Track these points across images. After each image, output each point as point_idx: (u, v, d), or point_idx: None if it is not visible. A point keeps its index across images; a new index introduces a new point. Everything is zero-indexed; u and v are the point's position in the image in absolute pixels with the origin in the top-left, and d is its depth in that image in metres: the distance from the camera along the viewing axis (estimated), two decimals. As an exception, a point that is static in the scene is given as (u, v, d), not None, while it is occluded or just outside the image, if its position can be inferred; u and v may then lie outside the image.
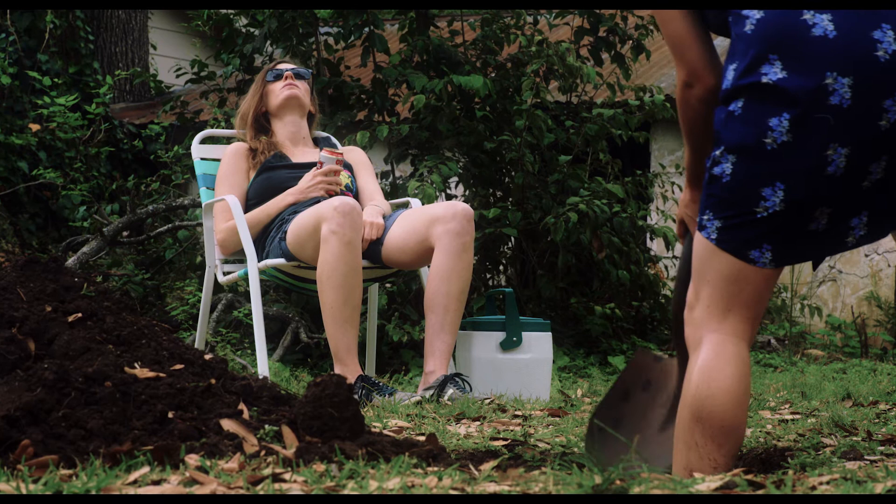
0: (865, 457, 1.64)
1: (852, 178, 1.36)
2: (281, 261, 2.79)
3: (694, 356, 1.42)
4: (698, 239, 1.43)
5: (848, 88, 1.33)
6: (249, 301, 3.04)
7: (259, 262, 2.81)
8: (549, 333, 2.96)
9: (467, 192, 4.26)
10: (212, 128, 4.27)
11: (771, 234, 1.38)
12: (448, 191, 4.24)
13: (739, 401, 1.39)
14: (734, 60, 1.40)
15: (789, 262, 1.43)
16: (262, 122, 3.04)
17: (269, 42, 4.26)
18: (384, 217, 2.85)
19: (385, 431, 1.85)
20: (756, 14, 1.39)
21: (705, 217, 1.41)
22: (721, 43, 4.67)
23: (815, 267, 1.50)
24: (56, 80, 5.54)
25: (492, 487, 1.19)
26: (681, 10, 1.46)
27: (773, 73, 1.35)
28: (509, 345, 2.87)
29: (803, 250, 1.41)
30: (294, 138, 3.03)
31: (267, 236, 2.88)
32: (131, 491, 1.16)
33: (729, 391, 1.38)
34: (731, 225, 1.39)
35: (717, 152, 1.39)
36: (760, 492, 1.19)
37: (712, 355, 1.40)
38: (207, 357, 1.61)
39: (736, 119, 1.37)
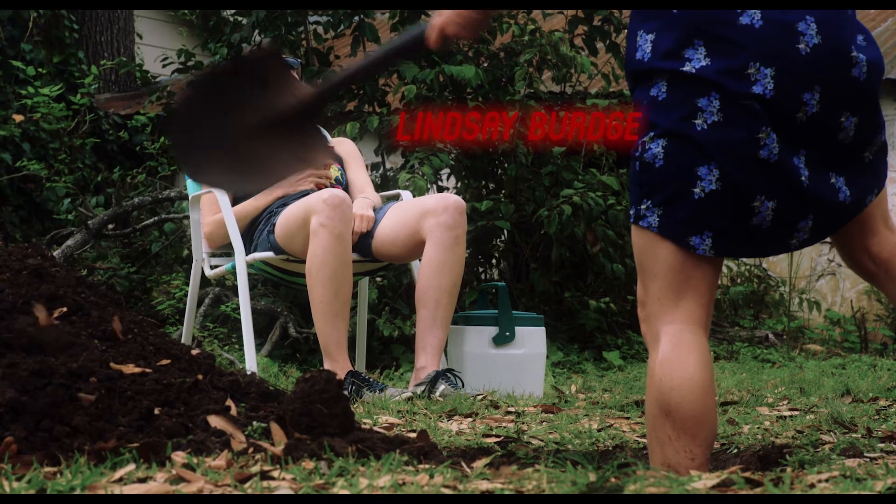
0: (865, 454, 1.64)
1: (789, 168, 1.35)
2: (269, 254, 2.76)
3: (653, 351, 1.40)
4: (638, 232, 1.41)
5: (770, 79, 1.33)
6: (237, 295, 3.01)
7: (247, 255, 2.77)
8: (543, 328, 2.94)
9: (459, 184, 4.23)
10: (200, 119, 4.21)
11: (710, 219, 1.36)
12: (439, 183, 4.21)
13: (705, 388, 1.37)
14: (652, 32, 1.36)
15: (729, 255, 1.42)
16: (250, 113, 3.00)
17: (257, 31, 4.21)
18: (374, 210, 2.82)
19: (375, 428, 1.83)
20: None
21: (643, 207, 1.39)
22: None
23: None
24: (40, 69, 5.48)
25: (484, 485, 1.18)
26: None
27: (697, 59, 1.34)
28: (502, 340, 2.85)
29: (744, 245, 1.40)
30: (283, 129, 3.00)
31: (255, 229, 2.85)
32: (117, 489, 1.13)
33: (693, 380, 1.36)
34: (669, 209, 1.37)
35: (646, 138, 1.37)
36: (758, 490, 1.17)
37: (671, 347, 1.38)
38: (194, 352, 1.58)
39: (662, 103, 1.36)
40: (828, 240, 1.88)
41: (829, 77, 1.34)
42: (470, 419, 2.16)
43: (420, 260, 2.72)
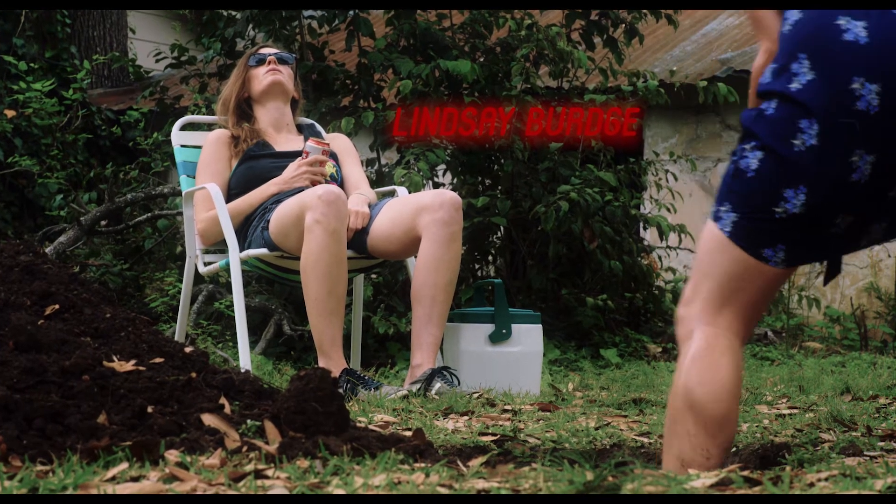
0: (865, 452, 1.64)
1: (879, 185, 1.36)
2: (263, 251, 2.75)
3: (685, 346, 1.41)
4: (710, 230, 1.42)
5: (875, 95, 1.34)
6: (231, 292, 2.99)
7: (241, 252, 2.76)
8: (540, 326, 2.93)
9: (455, 180, 4.22)
10: (192, 114, 4.20)
11: (787, 235, 1.38)
12: (435, 179, 4.20)
13: (732, 393, 1.38)
14: (774, 61, 1.41)
15: (801, 263, 1.43)
16: (244, 109, 2.99)
17: (251, 25, 4.19)
18: (370, 206, 2.80)
19: (371, 426, 1.81)
20: (794, 15, 1.40)
21: (722, 208, 1.41)
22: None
23: (831, 277, 1.47)
24: (32, 64, 5.44)
25: (480, 484, 1.17)
26: None
27: (802, 74, 1.36)
28: (498, 337, 2.84)
29: (818, 252, 1.41)
30: (277, 125, 2.98)
31: (249, 226, 2.83)
32: (109, 488, 1.12)
33: (722, 381, 1.38)
34: (748, 220, 1.38)
35: (747, 146, 1.39)
36: (757, 489, 1.17)
37: (705, 345, 1.39)
38: (188, 350, 1.57)
39: (768, 117, 1.38)
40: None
41: None
42: (466, 417, 2.15)
43: (416, 257, 2.71)
